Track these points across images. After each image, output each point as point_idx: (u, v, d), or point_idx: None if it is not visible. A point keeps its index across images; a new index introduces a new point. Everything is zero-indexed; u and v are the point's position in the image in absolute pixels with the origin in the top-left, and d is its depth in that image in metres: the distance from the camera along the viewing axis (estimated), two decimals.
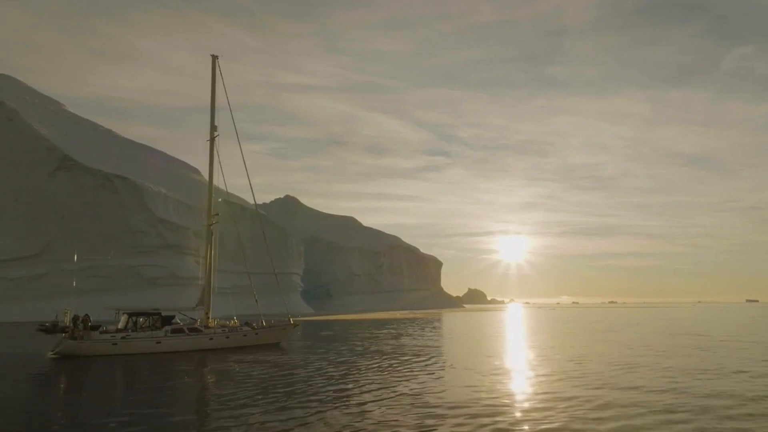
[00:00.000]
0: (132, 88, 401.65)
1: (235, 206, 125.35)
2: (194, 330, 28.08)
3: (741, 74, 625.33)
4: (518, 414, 11.95)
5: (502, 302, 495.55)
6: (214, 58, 31.64)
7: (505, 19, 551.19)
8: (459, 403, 13.12)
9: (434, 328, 51.94)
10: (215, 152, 30.93)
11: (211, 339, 28.29)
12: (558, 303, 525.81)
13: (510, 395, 14.33)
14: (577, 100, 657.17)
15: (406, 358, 23.50)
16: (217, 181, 32.22)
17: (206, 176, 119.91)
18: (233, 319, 31.17)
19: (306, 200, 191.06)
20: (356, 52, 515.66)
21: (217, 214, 31.61)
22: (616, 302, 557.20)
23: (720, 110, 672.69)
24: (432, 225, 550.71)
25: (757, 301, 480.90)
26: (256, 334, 30.31)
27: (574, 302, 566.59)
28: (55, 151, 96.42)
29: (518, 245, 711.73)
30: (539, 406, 12.81)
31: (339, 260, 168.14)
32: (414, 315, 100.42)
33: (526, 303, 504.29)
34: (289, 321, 32.82)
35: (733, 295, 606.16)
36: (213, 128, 31.03)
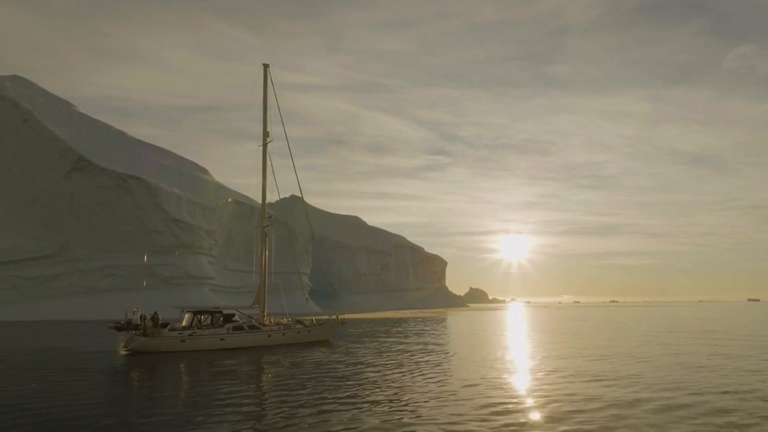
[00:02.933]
0: (133, 88, 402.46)
1: (245, 206, 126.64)
2: (253, 327, 29.41)
3: (742, 73, 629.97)
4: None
5: (504, 301, 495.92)
6: (266, 66, 32.94)
7: (507, 18, 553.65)
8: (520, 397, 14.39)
9: (447, 326, 53.42)
10: (268, 157, 32.12)
11: (269, 336, 29.59)
12: (560, 302, 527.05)
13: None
14: (579, 99, 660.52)
15: (441, 353, 24.81)
16: (222, 180, 33.21)
17: (215, 176, 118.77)
18: (286, 317, 32.48)
19: (307, 199, 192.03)
20: (358, 52, 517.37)
21: (270, 216, 32.83)
22: (617, 301, 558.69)
23: (721, 109, 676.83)
24: (433, 224, 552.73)
25: (758, 300, 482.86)
26: (309, 331, 31.68)
27: (575, 301, 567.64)
28: (70, 152, 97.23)
29: (519, 244, 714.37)
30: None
31: (345, 259, 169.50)
32: (424, 314, 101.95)
33: (528, 302, 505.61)
34: (338, 319, 34.18)
35: (735, 294, 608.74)
36: (265, 134, 32.26)
